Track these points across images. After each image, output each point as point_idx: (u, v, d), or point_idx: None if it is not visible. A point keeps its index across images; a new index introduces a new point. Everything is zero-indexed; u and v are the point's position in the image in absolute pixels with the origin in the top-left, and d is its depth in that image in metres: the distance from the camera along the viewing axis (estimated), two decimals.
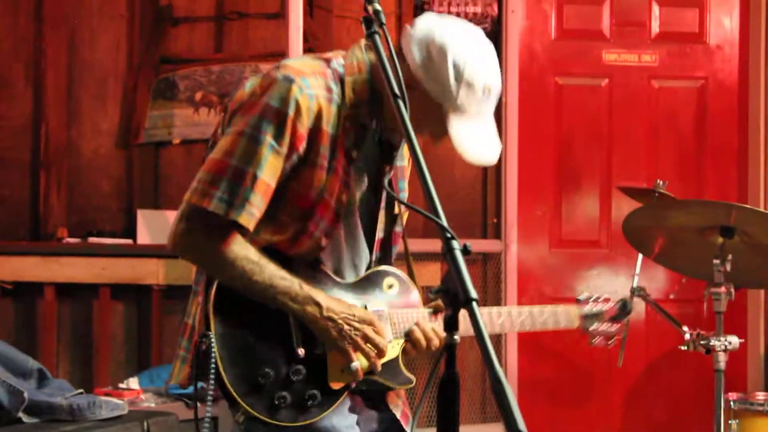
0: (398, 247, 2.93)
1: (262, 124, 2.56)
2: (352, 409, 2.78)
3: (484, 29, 5.98)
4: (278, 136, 2.55)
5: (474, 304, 1.92)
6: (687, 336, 4.08)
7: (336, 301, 2.64)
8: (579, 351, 6.17)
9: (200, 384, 2.61)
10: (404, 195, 2.94)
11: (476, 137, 2.68)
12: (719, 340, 3.99)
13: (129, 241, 5.82)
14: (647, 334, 6.14)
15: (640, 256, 4.72)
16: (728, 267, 3.95)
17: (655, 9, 6.27)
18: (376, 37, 2.30)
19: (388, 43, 2.30)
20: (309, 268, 2.70)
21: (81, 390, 4.07)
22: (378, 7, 2.32)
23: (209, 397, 2.54)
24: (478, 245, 5.85)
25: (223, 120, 2.71)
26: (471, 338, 1.93)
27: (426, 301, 2.87)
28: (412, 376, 2.81)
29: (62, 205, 5.95)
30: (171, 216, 5.78)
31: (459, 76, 2.60)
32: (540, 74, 6.18)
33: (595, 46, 6.26)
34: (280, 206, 2.64)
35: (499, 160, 6.01)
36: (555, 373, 6.17)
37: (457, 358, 2.04)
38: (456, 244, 2.00)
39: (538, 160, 6.18)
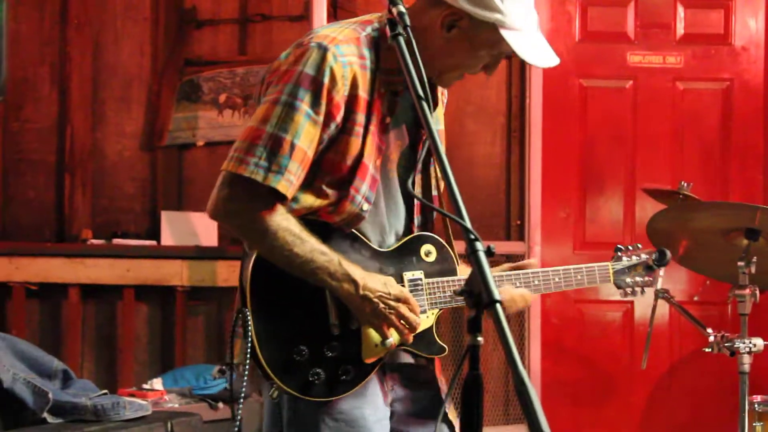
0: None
1: (298, 91, 2.56)
2: (384, 402, 2.78)
3: None
4: (315, 105, 2.56)
5: (498, 306, 1.92)
6: (711, 338, 4.07)
7: (373, 278, 2.63)
8: (602, 352, 6.17)
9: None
10: None
11: (534, 46, 2.68)
12: (744, 342, 3.98)
13: (153, 243, 5.84)
14: (671, 336, 6.12)
15: None
16: (753, 269, 3.94)
17: (680, 10, 6.25)
18: (400, 39, 2.30)
19: (411, 45, 2.30)
20: (347, 237, 2.69)
21: (105, 391, 4.09)
22: (402, 9, 2.32)
23: (245, 373, 2.55)
24: (501, 247, 5.84)
25: (259, 91, 2.72)
26: (494, 340, 1.92)
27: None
28: (445, 345, 2.81)
29: (87, 206, 5.98)
30: (195, 217, 5.86)
31: None
32: (564, 76, 6.17)
33: (619, 48, 6.24)
34: (318, 175, 2.64)
35: (522, 161, 6.07)
36: (578, 374, 6.16)
37: (480, 359, 2.04)
38: (480, 246, 2.00)
39: (562, 161, 6.17)
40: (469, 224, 2.04)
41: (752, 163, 6.21)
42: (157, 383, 5.21)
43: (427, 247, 2.81)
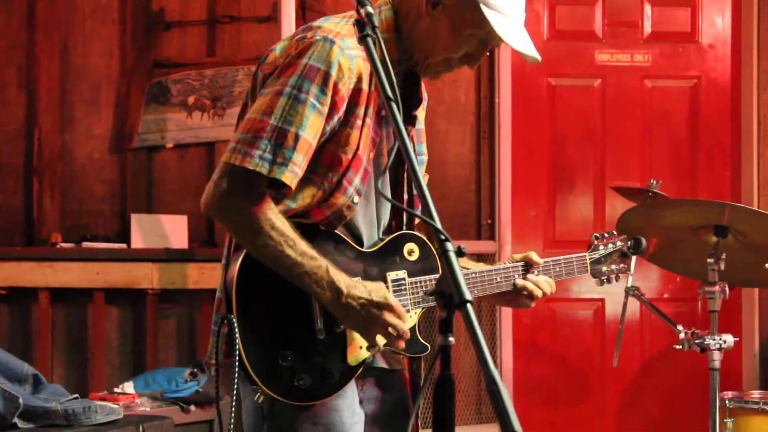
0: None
1: (304, 83, 2.54)
2: (359, 403, 2.77)
3: None
4: (320, 96, 2.54)
5: (468, 306, 1.92)
6: (682, 335, 4.08)
7: (358, 286, 2.61)
8: (574, 351, 6.19)
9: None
10: (423, 158, 2.99)
11: (514, 30, 2.68)
12: (714, 339, 3.99)
13: (123, 246, 5.81)
14: (642, 334, 6.15)
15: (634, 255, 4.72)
16: (722, 266, 3.95)
17: (648, 9, 6.28)
18: (369, 40, 2.29)
19: (380, 46, 2.29)
20: (332, 239, 2.68)
21: (76, 395, 4.07)
22: (370, 9, 2.31)
23: (234, 378, 2.52)
24: (472, 246, 5.85)
25: (253, 84, 2.71)
26: (466, 339, 1.93)
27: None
28: (427, 344, 2.81)
29: (56, 210, 5.95)
30: (165, 220, 5.84)
31: None
32: (533, 75, 6.18)
33: (587, 47, 6.26)
34: (317, 169, 2.62)
35: (492, 160, 6.08)
36: (550, 373, 6.17)
37: (452, 359, 2.04)
38: (450, 246, 1.99)
39: (531, 160, 6.19)
40: (439, 224, 2.04)
41: (720, 161, 6.24)
42: (128, 387, 5.20)
43: (409, 246, 2.80)
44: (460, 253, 2.00)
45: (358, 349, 2.68)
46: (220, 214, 2.61)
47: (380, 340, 2.64)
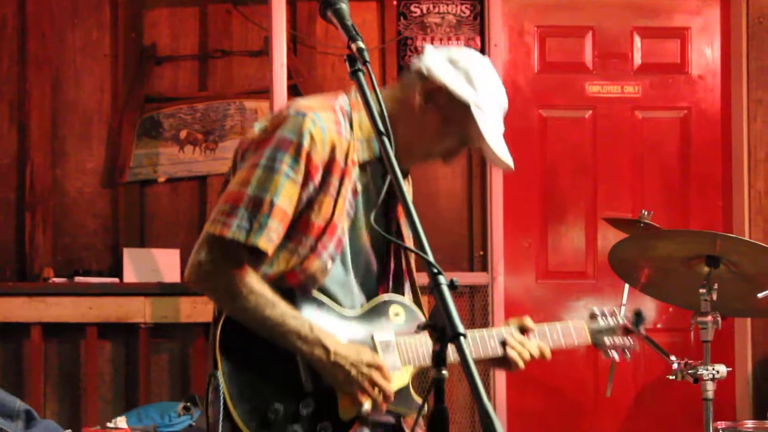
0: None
1: (277, 154, 2.64)
2: None
3: None
4: (294, 165, 2.63)
5: (462, 339, 1.93)
6: (675, 365, 4.08)
7: (344, 345, 2.67)
8: (567, 382, 6.17)
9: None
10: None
11: (498, 137, 2.84)
12: (707, 369, 3.99)
13: (115, 280, 5.81)
14: (635, 364, 6.13)
15: (627, 286, 4.72)
16: (714, 296, 3.95)
17: (637, 40, 6.31)
18: (360, 74, 2.31)
19: (372, 81, 2.31)
20: (314, 303, 2.72)
21: (69, 430, 4.06)
22: (361, 45, 2.33)
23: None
24: (464, 278, 5.85)
25: (234, 160, 2.79)
26: (459, 371, 1.93)
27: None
28: (419, 401, 2.82)
29: (48, 244, 5.94)
30: (157, 254, 5.83)
31: (482, 81, 2.80)
32: (524, 107, 6.20)
33: (578, 78, 6.29)
34: (293, 236, 2.69)
35: (484, 191, 6.09)
36: (544, 404, 6.16)
37: (445, 391, 2.04)
38: (443, 280, 2.01)
39: (523, 191, 6.20)
40: (431, 258, 2.05)
41: (711, 191, 6.26)
42: (121, 421, 5.18)
43: (395, 308, 2.85)
44: (452, 286, 2.01)
45: (350, 406, 2.69)
46: (200, 282, 2.69)
47: (365, 400, 2.67)
